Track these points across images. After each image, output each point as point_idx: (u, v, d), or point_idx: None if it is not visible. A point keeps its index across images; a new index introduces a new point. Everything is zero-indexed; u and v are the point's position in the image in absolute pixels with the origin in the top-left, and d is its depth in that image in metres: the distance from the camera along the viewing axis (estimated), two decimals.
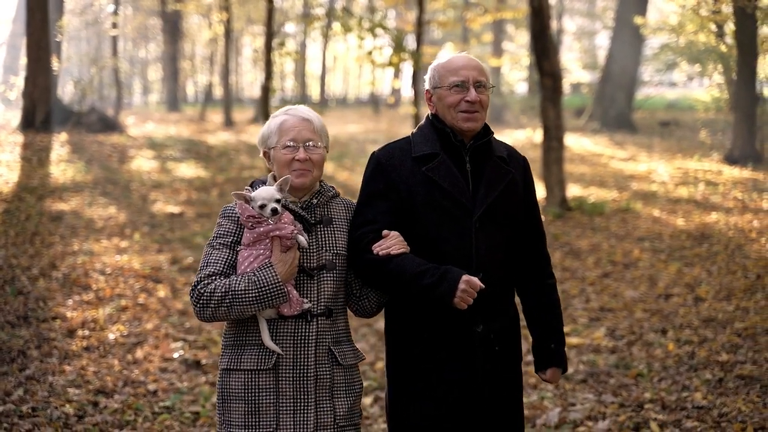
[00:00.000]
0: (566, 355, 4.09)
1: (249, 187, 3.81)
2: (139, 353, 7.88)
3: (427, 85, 4.01)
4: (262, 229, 3.62)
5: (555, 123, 15.36)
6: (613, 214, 15.66)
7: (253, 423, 3.62)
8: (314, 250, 3.76)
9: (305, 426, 3.64)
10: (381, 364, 7.87)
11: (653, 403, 6.74)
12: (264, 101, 18.80)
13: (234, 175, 19.67)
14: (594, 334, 8.73)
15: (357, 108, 53.48)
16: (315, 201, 3.84)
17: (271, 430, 3.61)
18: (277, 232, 3.61)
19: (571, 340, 8.49)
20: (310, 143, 3.78)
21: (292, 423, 3.63)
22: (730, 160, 22.90)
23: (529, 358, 7.27)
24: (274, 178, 3.81)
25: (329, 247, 3.80)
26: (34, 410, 6.19)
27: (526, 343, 5.73)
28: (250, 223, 3.64)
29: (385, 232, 3.75)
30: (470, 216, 3.79)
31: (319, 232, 3.81)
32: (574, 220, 14.96)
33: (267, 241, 3.64)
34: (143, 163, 20.68)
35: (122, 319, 8.85)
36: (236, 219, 3.75)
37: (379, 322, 8.87)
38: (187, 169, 20.33)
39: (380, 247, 3.70)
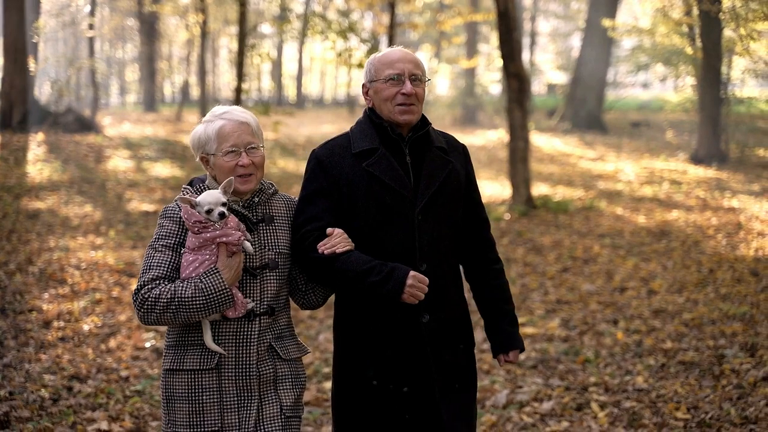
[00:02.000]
0: (521, 335, 4.14)
1: (188, 186, 3.78)
2: (113, 343, 8.21)
3: (363, 79, 4.02)
4: (208, 234, 3.56)
5: (521, 123, 15.78)
6: (577, 212, 16.11)
7: (198, 422, 3.61)
8: (257, 250, 3.73)
9: (248, 420, 3.64)
10: None
11: (597, 386, 7.17)
12: (236, 103, 19.13)
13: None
14: (548, 324, 9.14)
15: (333, 108, 53.76)
16: (256, 199, 3.81)
17: (216, 428, 3.61)
18: (225, 239, 3.56)
19: (526, 330, 8.90)
20: (252, 146, 3.72)
21: (237, 419, 3.63)
22: (696, 159, 23.47)
23: (486, 345, 7.71)
24: (214, 178, 3.75)
25: (272, 245, 3.77)
26: (11, 394, 6.53)
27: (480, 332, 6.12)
28: (196, 228, 3.57)
29: (329, 230, 3.73)
30: (413, 208, 3.79)
31: (261, 231, 3.78)
32: (539, 218, 15.39)
33: (213, 246, 3.58)
34: (119, 162, 20.93)
35: (96, 311, 9.17)
36: (178, 220, 3.68)
37: None
38: (163, 169, 20.61)
39: (325, 246, 3.68)
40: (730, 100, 24.21)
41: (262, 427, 3.67)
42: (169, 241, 3.64)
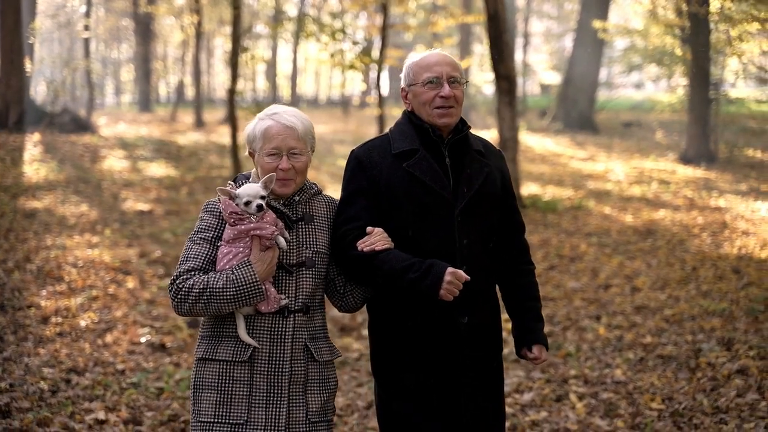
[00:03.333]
0: (545, 333, 4.14)
1: (232, 182, 3.81)
2: (109, 338, 8.46)
3: (402, 83, 4.01)
4: (243, 227, 3.63)
5: (510, 124, 16.00)
6: (566, 212, 16.36)
7: (224, 413, 3.63)
8: (294, 247, 3.75)
9: (277, 420, 3.64)
10: None
11: (576, 379, 7.45)
12: (230, 104, 19.34)
13: (203, 174, 20.20)
14: None
15: (328, 108, 53.95)
16: (297, 198, 3.84)
17: (242, 422, 3.62)
18: (258, 232, 3.62)
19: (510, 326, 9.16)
20: (294, 151, 3.75)
21: (263, 416, 3.63)
22: (685, 159, 23.72)
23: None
24: (258, 176, 3.82)
25: (310, 244, 3.79)
26: (11, 386, 6.76)
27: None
28: (232, 220, 3.65)
29: (369, 228, 3.75)
30: (452, 210, 3.80)
31: (300, 229, 3.80)
32: (528, 217, 15.60)
33: (247, 239, 3.64)
34: (114, 162, 21.13)
35: (93, 307, 9.41)
36: (218, 214, 3.76)
37: None
38: (158, 169, 20.81)
39: (365, 244, 3.70)
40: (719, 100, 24.46)
41: (287, 430, 3.69)
42: (207, 234, 3.74)
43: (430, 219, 3.79)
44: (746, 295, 9.96)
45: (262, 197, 3.63)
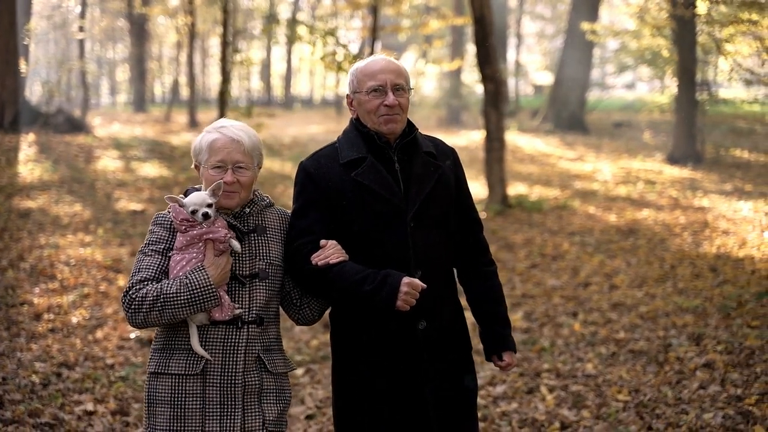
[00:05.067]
0: (513, 337, 4.12)
1: (183, 195, 3.79)
2: (99, 334, 8.73)
3: (347, 90, 3.98)
4: (195, 231, 3.62)
5: (496, 125, 16.29)
6: (551, 211, 16.63)
7: (178, 428, 3.60)
8: (247, 258, 3.74)
9: (232, 431, 3.64)
10: (316, 342, 8.80)
11: (549, 372, 7.75)
12: (221, 105, 19.58)
13: (195, 174, 20.30)
14: (512, 317, 9.63)
15: (322, 109, 54.21)
16: (247, 210, 3.82)
17: None
18: (211, 235, 3.61)
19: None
20: (240, 165, 3.74)
21: (218, 428, 3.61)
22: (672, 160, 24.00)
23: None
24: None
25: (262, 256, 3.78)
26: (4, 380, 7.05)
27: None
28: (183, 227, 3.64)
29: (323, 242, 3.73)
30: (404, 216, 3.78)
31: (252, 241, 3.78)
32: (513, 217, 15.92)
33: (200, 244, 3.63)
34: (108, 162, 21.31)
35: (84, 304, 9.67)
36: (168, 226, 3.74)
37: None
38: (151, 169, 21.02)
39: (319, 257, 3.68)
40: (705, 101, 24.71)
41: None
42: (159, 246, 3.71)
43: (382, 226, 3.78)
44: (721, 292, 10.22)
45: (209, 205, 3.63)
